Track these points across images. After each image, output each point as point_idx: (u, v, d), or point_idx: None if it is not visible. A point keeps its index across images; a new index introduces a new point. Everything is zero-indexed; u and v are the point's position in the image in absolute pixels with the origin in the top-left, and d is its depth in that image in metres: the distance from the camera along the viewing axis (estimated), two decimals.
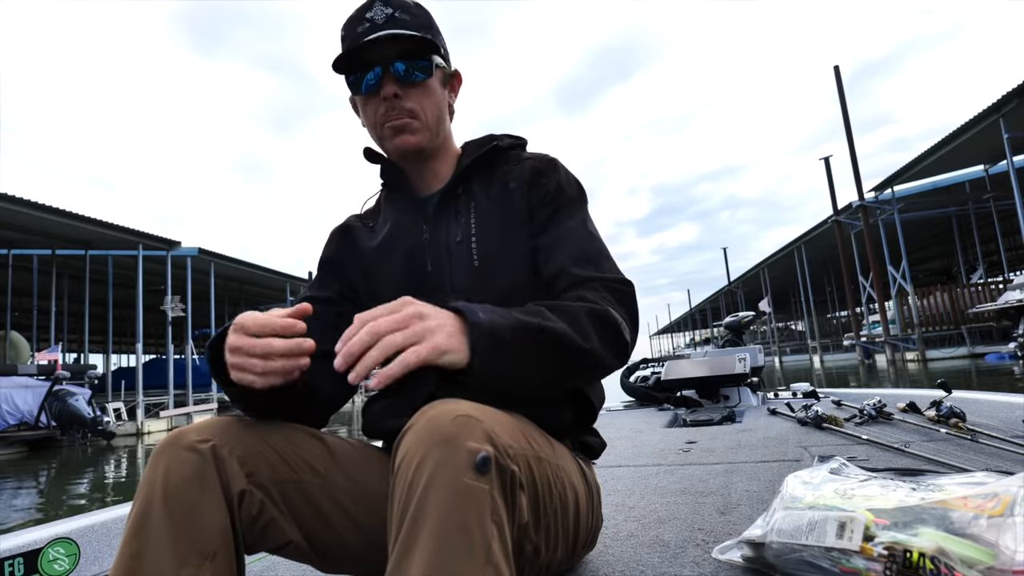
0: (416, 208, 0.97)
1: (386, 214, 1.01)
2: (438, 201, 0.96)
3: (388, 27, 0.87)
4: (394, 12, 0.88)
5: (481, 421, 0.60)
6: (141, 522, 0.66)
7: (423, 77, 0.90)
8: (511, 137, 1.03)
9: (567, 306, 0.75)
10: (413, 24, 0.89)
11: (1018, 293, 15.07)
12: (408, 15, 0.89)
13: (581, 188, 0.98)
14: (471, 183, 0.97)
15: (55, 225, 12.72)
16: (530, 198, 0.94)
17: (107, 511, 1.41)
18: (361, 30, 0.87)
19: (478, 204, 0.94)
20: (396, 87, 0.88)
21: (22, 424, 10.63)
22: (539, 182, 0.94)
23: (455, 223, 0.94)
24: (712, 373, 3.96)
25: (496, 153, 0.99)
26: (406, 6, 0.90)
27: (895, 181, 18.93)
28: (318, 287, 1.00)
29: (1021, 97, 13.04)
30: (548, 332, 0.69)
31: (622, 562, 1.08)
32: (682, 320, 74.13)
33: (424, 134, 0.92)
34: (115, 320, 17.22)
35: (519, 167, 0.97)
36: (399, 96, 0.88)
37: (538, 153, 1.00)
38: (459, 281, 0.90)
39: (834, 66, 22.67)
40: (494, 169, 0.98)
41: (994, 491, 0.79)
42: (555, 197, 0.93)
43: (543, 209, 0.93)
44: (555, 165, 0.97)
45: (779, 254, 29.32)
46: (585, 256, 0.88)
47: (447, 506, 0.54)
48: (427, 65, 0.90)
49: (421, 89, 0.90)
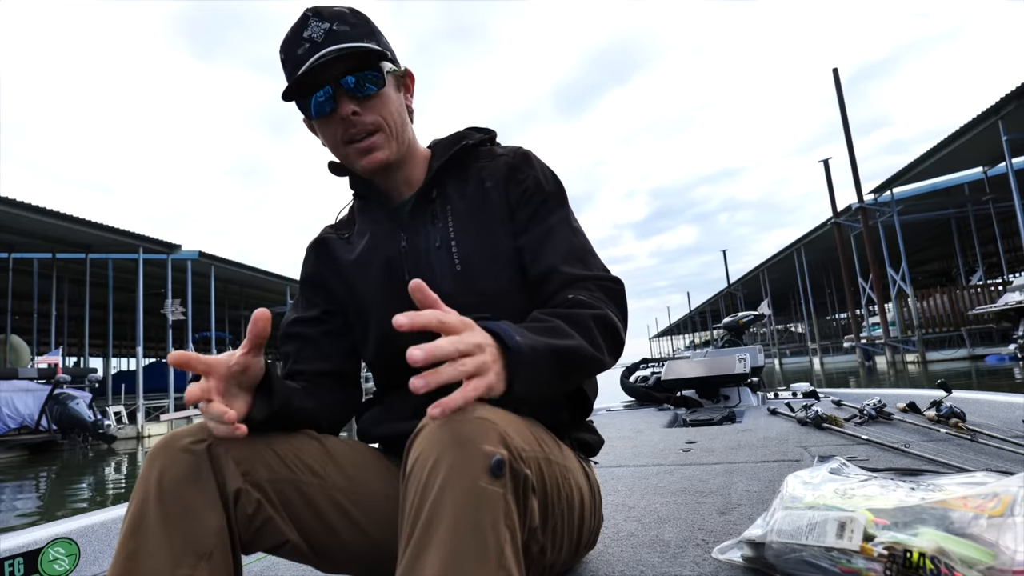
0: (390, 216, 0.95)
1: (361, 224, 0.99)
2: (412, 207, 0.94)
3: (329, 43, 0.83)
4: (332, 25, 0.84)
5: (495, 423, 0.60)
6: (137, 522, 0.66)
7: (376, 89, 0.86)
8: (479, 131, 1.01)
9: (578, 316, 0.75)
10: (354, 34, 0.85)
11: (1018, 295, 15.07)
12: (347, 25, 0.85)
13: (559, 181, 0.96)
14: (444, 186, 0.94)
15: (55, 228, 12.71)
16: (508, 196, 0.92)
17: (107, 511, 1.40)
18: (302, 52, 0.83)
19: (454, 207, 0.92)
20: (352, 104, 0.84)
21: (23, 428, 10.62)
22: (516, 179, 0.92)
23: (432, 228, 0.92)
24: (712, 373, 3.96)
25: (466, 152, 0.97)
26: (343, 16, 0.85)
27: (894, 183, 18.95)
28: (304, 307, 0.99)
29: (1020, 99, 13.05)
30: (575, 353, 0.69)
31: (622, 562, 1.08)
32: (682, 322, 74.07)
33: (390, 147, 0.89)
34: (115, 324, 17.20)
35: (492, 164, 0.95)
36: (357, 113, 0.85)
37: (510, 147, 0.98)
38: (443, 286, 0.88)
39: (833, 69, 22.71)
40: (466, 168, 0.96)
41: (994, 491, 0.79)
42: (535, 194, 0.92)
43: (523, 208, 0.91)
44: (529, 159, 0.95)
45: (779, 256, 29.33)
46: (574, 254, 0.88)
47: (462, 509, 0.54)
48: (378, 76, 0.86)
49: (377, 100, 0.87)
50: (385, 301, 0.91)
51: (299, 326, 0.97)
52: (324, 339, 0.96)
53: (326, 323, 0.97)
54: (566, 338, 0.69)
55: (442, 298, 0.88)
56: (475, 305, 0.87)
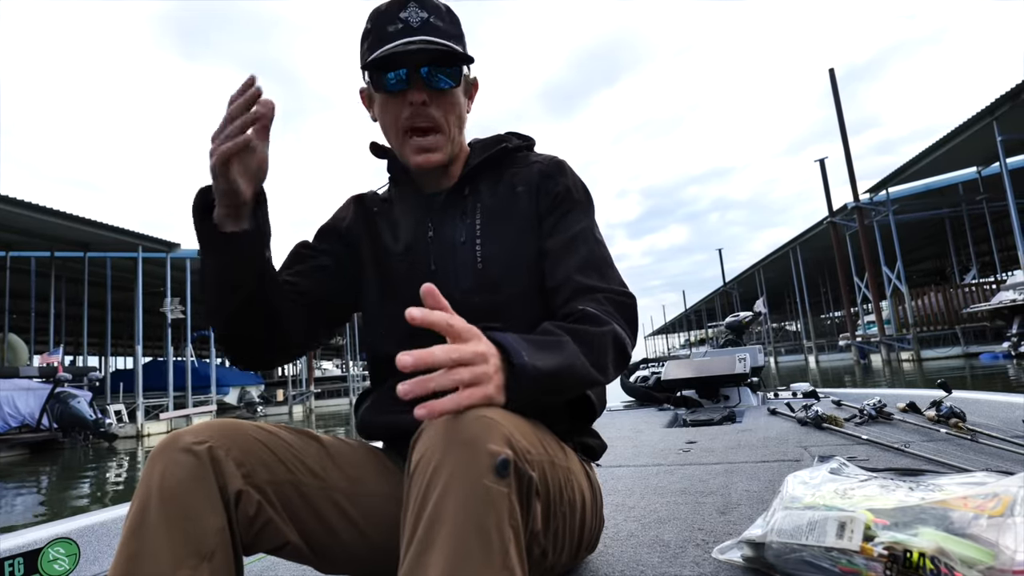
0: (422, 205, 0.97)
1: (394, 206, 1.01)
2: (444, 200, 0.96)
3: (423, 32, 0.85)
4: (429, 17, 0.86)
5: (500, 424, 0.60)
6: (138, 523, 0.66)
7: (451, 85, 0.89)
8: (519, 137, 1.03)
9: (588, 334, 0.75)
10: (446, 33, 0.87)
11: (1012, 293, 15.15)
12: (442, 21, 0.87)
13: (588, 193, 0.97)
14: (478, 184, 0.97)
15: (54, 227, 12.67)
16: (538, 203, 0.93)
17: (107, 511, 1.40)
18: (393, 30, 0.85)
19: (483, 205, 0.94)
20: (424, 94, 0.87)
21: (23, 427, 10.61)
22: (547, 186, 0.94)
23: (460, 223, 0.93)
24: (712, 373, 3.97)
25: (504, 154, 0.98)
26: (440, 11, 0.88)
27: (890, 183, 19.03)
28: (317, 239, 1.01)
29: (1014, 100, 13.12)
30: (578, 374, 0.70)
31: (622, 562, 1.08)
32: (677, 321, 74.17)
33: (446, 149, 0.91)
34: (112, 322, 17.15)
35: (526, 170, 0.97)
36: (427, 103, 0.87)
37: (546, 155, 1.00)
38: (463, 282, 0.90)
39: (829, 69, 22.80)
40: (501, 170, 0.98)
41: (994, 491, 0.80)
42: (563, 201, 0.93)
43: (551, 215, 0.93)
44: (563, 168, 0.97)
45: (774, 255, 29.40)
46: (591, 264, 0.88)
47: (466, 508, 0.54)
48: (456, 73, 0.89)
49: (447, 98, 0.89)
50: (405, 286, 0.92)
51: (303, 247, 0.99)
52: (319, 271, 0.97)
53: (327, 259, 0.98)
54: (572, 358, 0.70)
55: (460, 294, 0.89)
56: (490, 305, 0.88)
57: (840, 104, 22.01)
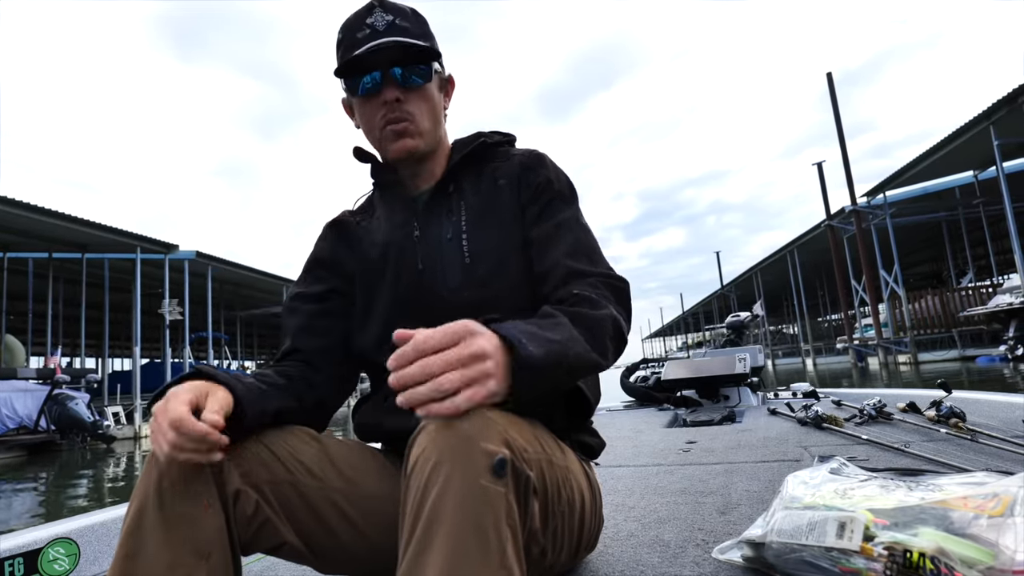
0: (407, 206, 0.97)
1: (378, 212, 1.02)
2: (428, 198, 0.97)
3: (389, 34, 0.88)
4: (395, 19, 0.89)
5: (498, 423, 0.60)
6: (137, 523, 0.66)
7: (422, 82, 0.91)
8: (499, 133, 1.04)
9: (586, 317, 0.75)
10: (413, 32, 0.90)
11: (1008, 297, 15.20)
12: (408, 22, 0.90)
13: (570, 183, 0.98)
14: (461, 181, 0.97)
15: (52, 228, 12.63)
16: (520, 195, 0.94)
17: (107, 511, 1.40)
18: (362, 36, 0.88)
19: (467, 202, 0.95)
20: (397, 92, 0.89)
21: (21, 428, 10.55)
22: (528, 178, 0.95)
23: (446, 220, 0.94)
24: (712, 373, 3.97)
25: (484, 149, 1.00)
26: (405, 13, 0.91)
27: (887, 186, 19.07)
28: (309, 282, 1.00)
29: (1011, 105, 13.17)
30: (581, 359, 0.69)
31: (622, 562, 1.08)
32: (674, 324, 74.16)
33: (422, 138, 0.92)
34: (110, 324, 17.11)
35: (507, 163, 0.97)
36: (400, 100, 0.89)
37: (526, 148, 1.01)
38: (451, 279, 0.90)
39: (827, 73, 22.92)
40: (482, 165, 0.99)
41: (994, 491, 0.80)
42: (545, 190, 0.94)
43: (534, 204, 0.93)
44: (543, 160, 0.98)
45: (772, 258, 29.44)
46: (580, 250, 0.89)
47: (464, 508, 0.54)
48: (426, 70, 0.91)
49: (420, 93, 0.92)
50: (394, 287, 0.93)
51: (302, 301, 0.98)
52: (325, 317, 0.97)
53: (329, 301, 0.98)
54: (574, 343, 0.69)
55: (448, 291, 0.90)
56: (479, 300, 0.88)
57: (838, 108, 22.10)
